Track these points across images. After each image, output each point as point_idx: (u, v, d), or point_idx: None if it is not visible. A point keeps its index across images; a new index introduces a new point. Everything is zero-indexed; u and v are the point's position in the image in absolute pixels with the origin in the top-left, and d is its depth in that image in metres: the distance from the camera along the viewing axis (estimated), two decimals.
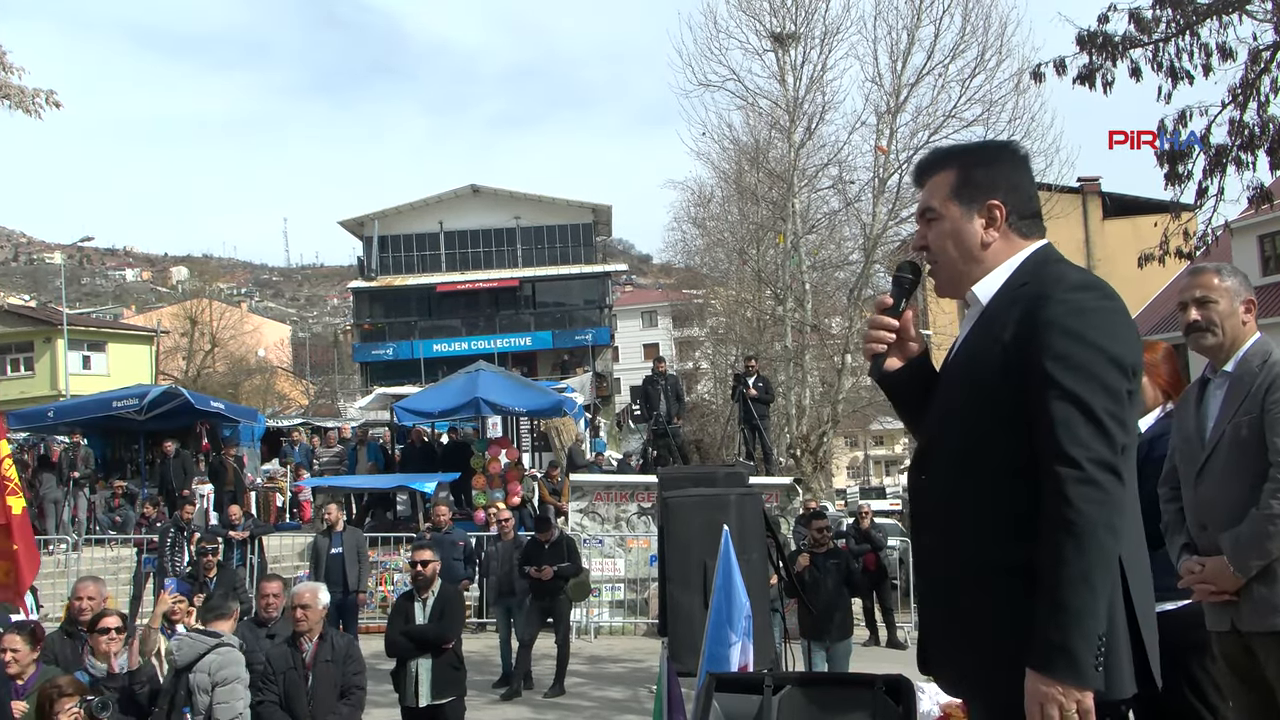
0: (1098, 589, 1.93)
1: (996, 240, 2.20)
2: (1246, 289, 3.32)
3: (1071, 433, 1.95)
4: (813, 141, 22.20)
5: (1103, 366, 1.98)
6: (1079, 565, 1.92)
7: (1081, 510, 1.92)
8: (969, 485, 2.10)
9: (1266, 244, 26.92)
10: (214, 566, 9.57)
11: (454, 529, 12.93)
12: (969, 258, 2.22)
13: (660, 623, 5.43)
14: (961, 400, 2.15)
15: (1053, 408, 1.97)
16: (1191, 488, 3.28)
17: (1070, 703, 1.91)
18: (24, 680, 5.32)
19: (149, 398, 17.37)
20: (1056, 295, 2.03)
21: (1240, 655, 3.20)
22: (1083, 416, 1.95)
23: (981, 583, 2.07)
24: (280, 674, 5.95)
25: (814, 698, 2.90)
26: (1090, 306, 2.02)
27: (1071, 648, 1.91)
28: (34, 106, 11.09)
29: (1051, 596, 1.93)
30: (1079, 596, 1.91)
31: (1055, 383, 1.97)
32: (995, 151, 2.33)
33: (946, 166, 2.26)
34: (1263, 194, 9.64)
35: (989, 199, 2.20)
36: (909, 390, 2.36)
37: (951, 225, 2.22)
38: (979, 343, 2.15)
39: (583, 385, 33.41)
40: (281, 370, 59.90)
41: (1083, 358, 1.98)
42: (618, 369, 53.70)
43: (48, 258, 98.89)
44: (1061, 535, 1.93)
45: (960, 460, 2.13)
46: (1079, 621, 1.91)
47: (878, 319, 2.34)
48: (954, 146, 2.52)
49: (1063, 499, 1.93)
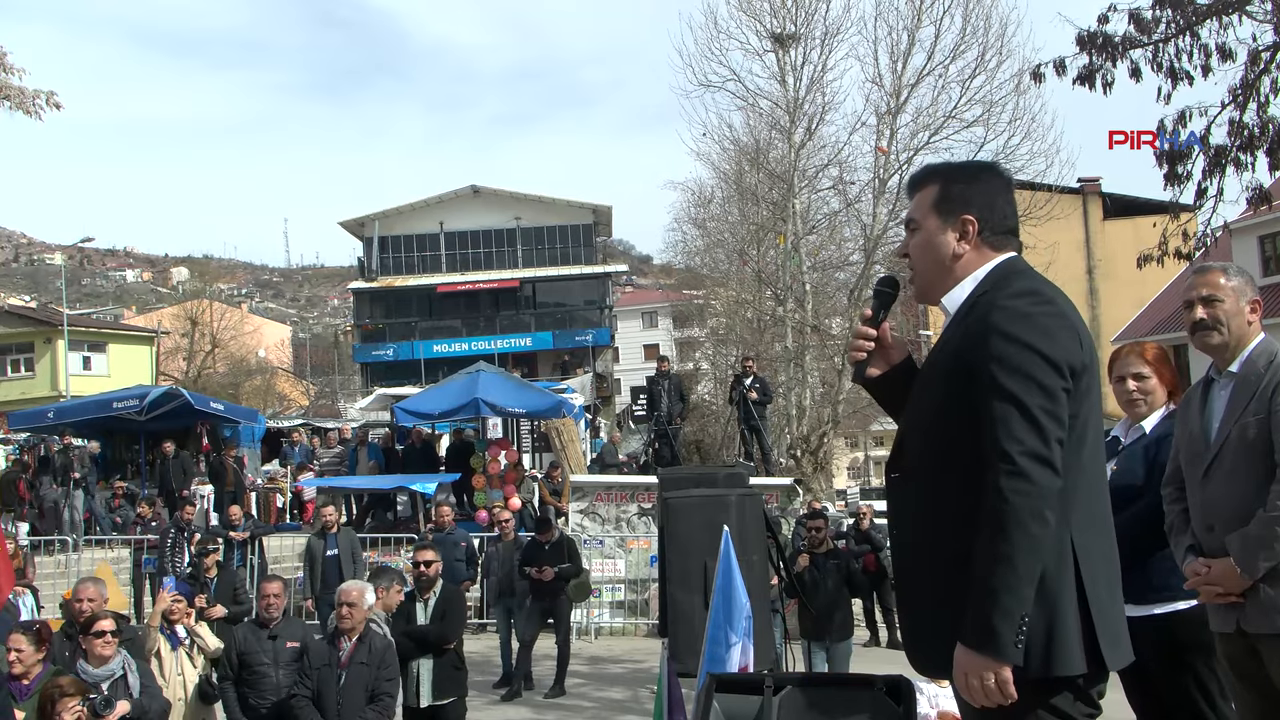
0: (1020, 572, 2.07)
1: (968, 253, 2.36)
2: (1252, 289, 3.31)
3: (1007, 429, 2.11)
4: (813, 142, 22.21)
5: (1037, 366, 2.14)
6: (1002, 549, 2.07)
7: (1008, 500, 2.08)
8: (934, 481, 2.27)
9: (1267, 244, 26.93)
10: (214, 567, 9.56)
11: (456, 529, 12.94)
12: (940, 267, 2.39)
13: (660, 623, 5.43)
14: (928, 402, 2.33)
15: (993, 407, 2.14)
16: (1197, 489, 3.26)
17: (989, 675, 2.08)
18: (29, 681, 5.32)
19: (149, 398, 17.36)
20: (999, 302, 2.23)
21: (1244, 657, 3.18)
22: (1019, 413, 2.12)
23: (943, 569, 2.22)
24: (315, 669, 5.98)
25: (814, 698, 2.90)
26: (1026, 311, 2.19)
27: (991, 624, 2.07)
28: (34, 107, 11.09)
29: (975, 578, 2.10)
30: (999, 578, 2.07)
31: (995, 383, 2.15)
32: (976, 170, 2.52)
33: (931, 182, 2.43)
34: (1262, 195, 9.64)
35: (963, 213, 2.36)
36: (891, 393, 2.55)
37: (927, 236, 2.40)
38: (946, 348, 2.33)
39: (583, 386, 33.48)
40: (282, 371, 59.90)
41: (1019, 359, 2.14)
42: (618, 370, 53.68)
43: (48, 258, 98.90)
44: (989, 523, 2.10)
45: (926, 458, 2.31)
46: (997, 601, 2.07)
47: (859, 329, 2.55)
48: (941, 164, 2.73)
49: (994, 490, 2.10)
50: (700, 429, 32.73)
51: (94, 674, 5.50)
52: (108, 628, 5.63)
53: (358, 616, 6.10)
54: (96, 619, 5.73)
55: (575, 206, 47.69)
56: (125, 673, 5.59)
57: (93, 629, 5.62)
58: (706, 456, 29.66)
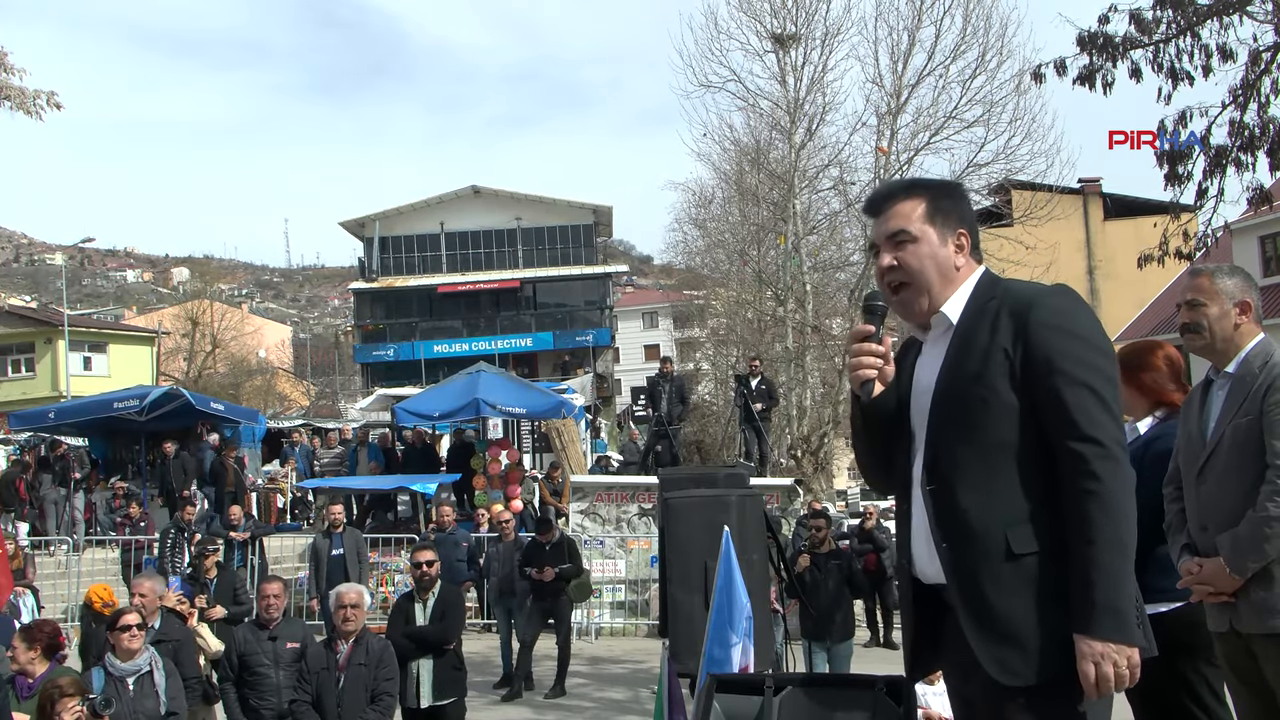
0: (1129, 553, 2.10)
1: (963, 265, 2.42)
2: (1243, 290, 3.30)
3: (1089, 415, 2.15)
4: (813, 142, 22.20)
5: (1100, 357, 2.22)
6: (1112, 530, 2.09)
7: (1107, 483, 2.10)
8: (985, 480, 2.24)
9: (1267, 244, 26.93)
10: (214, 568, 9.56)
11: (457, 529, 12.94)
12: (946, 279, 2.40)
13: (661, 624, 5.43)
14: (966, 408, 2.28)
15: (1066, 394, 2.17)
16: (1192, 488, 3.28)
17: (1123, 659, 2.06)
18: (31, 681, 5.32)
19: (150, 398, 17.34)
20: (1042, 301, 2.26)
21: (1241, 656, 3.20)
22: (1095, 400, 2.16)
23: (1029, 571, 2.18)
24: (314, 673, 6.01)
25: (815, 698, 2.90)
26: (1074, 308, 2.27)
27: (1118, 606, 2.06)
28: (34, 107, 11.09)
29: (1091, 562, 2.08)
30: (1117, 559, 2.08)
31: (1063, 373, 2.18)
32: (953, 188, 2.56)
33: (914, 195, 2.44)
34: (1262, 195, 9.63)
35: (959, 229, 2.42)
36: (889, 415, 2.49)
37: (930, 247, 2.40)
38: (964, 355, 2.31)
39: (583, 386, 33.44)
40: (282, 371, 59.90)
41: (1081, 350, 2.20)
42: (618, 370, 53.67)
43: (49, 258, 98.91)
44: (1092, 506, 2.10)
45: (974, 465, 2.26)
46: (1119, 582, 2.07)
47: (866, 345, 2.45)
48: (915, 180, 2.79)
49: (1089, 474, 2.11)
50: (700, 429, 32.71)
51: (121, 668, 5.50)
52: (133, 622, 5.62)
53: (360, 618, 6.11)
54: (122, 613, 5.72)
55: (575, 207, 47.69)
56: (152, 669, 5.60)
57: (119, 624, 5.61)
58: (706, 456, 29.64)
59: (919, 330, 2.50)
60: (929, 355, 2.44)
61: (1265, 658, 3.10)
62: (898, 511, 2.58)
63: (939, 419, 2.34)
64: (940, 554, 2.31)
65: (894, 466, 2.50)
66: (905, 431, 2.45)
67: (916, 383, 2.45)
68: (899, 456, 2.47)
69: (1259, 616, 3.08)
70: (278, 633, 6.65)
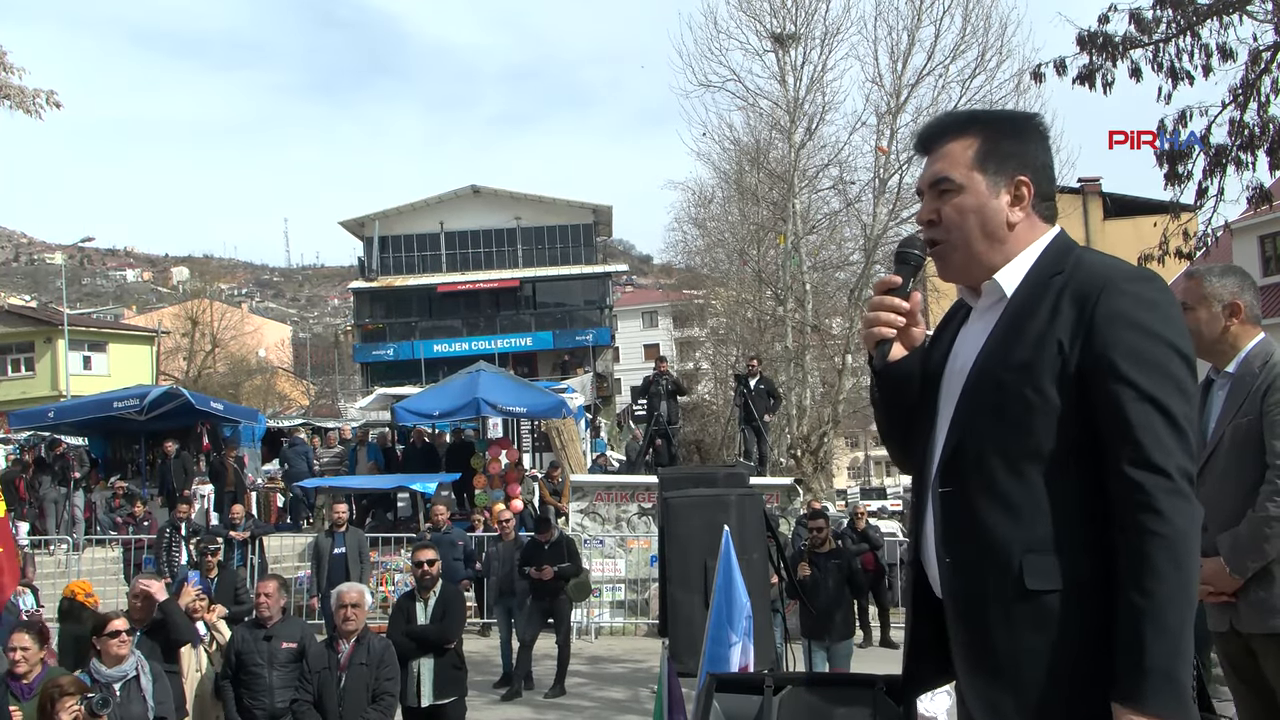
0: (1193, 610, 1.74)
1: (1021, 221, 1.96)
2: (1235, 291, 3.27)
3: (1156, 439, 1.76)
4: (813, 142, 22.25)
5: (1177, 365, 1.80)
6: (1179, 581, 1.71)
7: (1175, 523, 1.72)
8: (1013, 498, 1.86)
9: (1267, 244, 26.94)
10: (215, 566, 9.56)
11: (452, 529, 12.93)
12: (993, 238, 1.96)
13: (661, 623, 5.43)
14: (1002, 403, 1.88)
15: (1130, 410, 1.77)
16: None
17: None
18: (30, 680, 5.31)
19: (150, 398, 17.35)
20: (1118, 286, 1.82)
21: (1241, 656, 3.20)
22: (1165, 421, 1.76)
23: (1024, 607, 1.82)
24: (315, 673, 6.04)
25: (815, 698, 2.90)
26: (1157, 299, 1.82)
27: (1174, 673, 1.69)
28: (34, 106, 11.10)
29: (1148, 618, 1.71)
30: (1179, 616, 1.71)
31: (1131, 382, 1.78)
32: (1023, 122, 2.04)
33: (968, 133, 2.00)
34: (1262, 194, 9.63)
35: (1018, 174, 1.96)
36: (909, 385, 2.09)
37: (976, 200, 1.96)
38: (1013, 338, 1.89)
39: (583, 386, 33.43)
40: (282, 371, 59.93)
41: (1158, 355, 1.79)
42: (618, 369, 53.68)
43: (48, 258, 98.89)
44: (1156, 549, 1.72)
45: (1005, 469, 1.87)
46: (1179, 644, 1.70)
47: (886, 300, 2.04)
48: (977, 111, 2.18)
49: (1152, 510, 1.73)
50: (700, 429, 32.73)
51: (107, 674, 5.47)
52: (122, 628, 5.61)
53: (361, 618, 6.12)
54: (110, 619, 5.70)
55: (575, 206, 47.67)
56: (139, 674, 5.59)
57: (107, 629, 5.58)
58: (706, 456, 29.66)
59: (970, 294, 2.06)
60: (974, 328, 2.02)
61: (1265, 657, 3.11)
62: (912, 504, 2.24)
63: (968, 409, 1.93)
64: (941, 569, 1.94)
65: (913, 450, 2.10)
66: (930, 413, 2.04)
67: (954, 357, 2.03)
68: (918, 442, 2.07)
69: (1259, 616, 3.09)
70: (274, 632, 6.63)
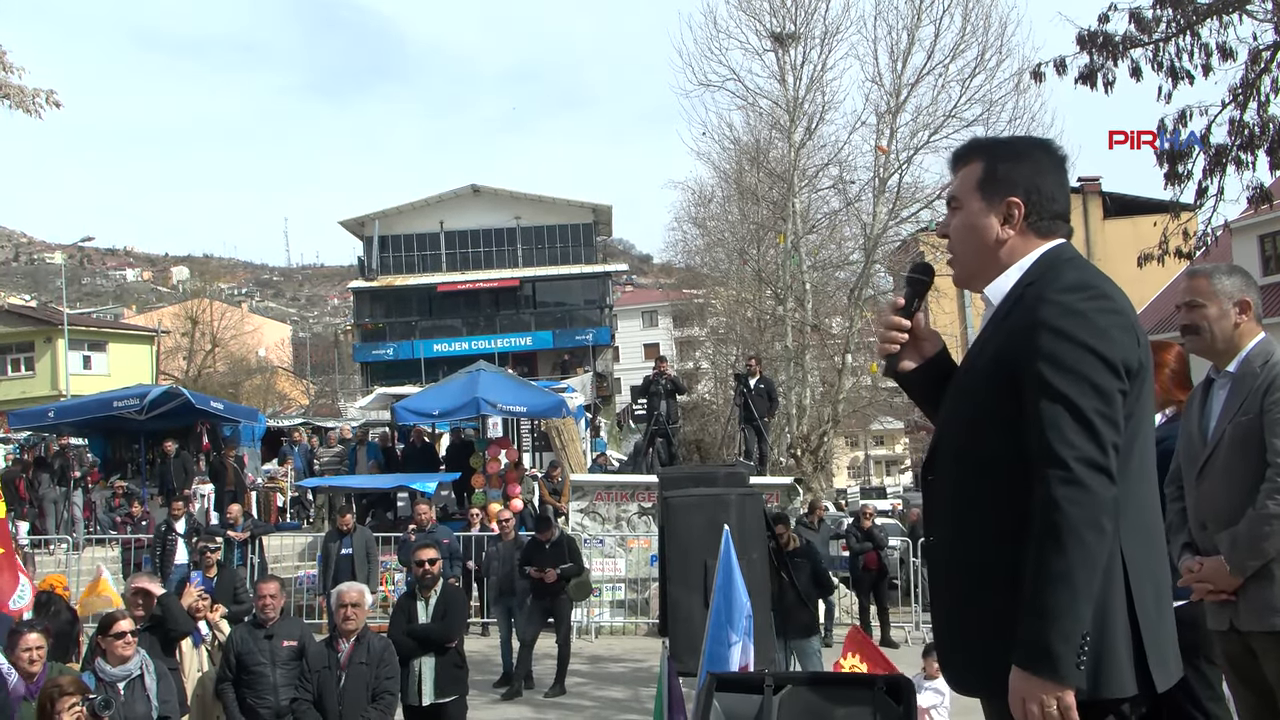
0: (1079, 589, 1.92)
1: (1012, 238, 2.19)
2: (1242, 290, 3.29)
3: (1060, 433, 1.95)
4: (813, 141, 22.25)
5: (1092, 366, 1.97)
6: (1059, 565, 1.92)
7: (1065, 510, 1.92)
8: (973, 486, 2.11)
9: (1267, 244, 26.92)
10: (214, 566, 9.56)
11: (437, 527, 12.90)
12: (982, 253, 2.21)
13: (661, 623, 5.44)
14: (970, 401, 2.16)
15: (1042, 408, 1.98)
16: (1193, 487, 3.30)
17: (1050, 699, 1.91)
18: (34, 680, 5.31)
19: (149, 397, 17.33)
20: (1047, 296, 2.04)
21: (1241, 654, 3.20)
22: (1071, 417, 1.96)
23: (985, 582, 2.08)
24: (315, 672, 6.04)
25: (815, 697, 2.90)
26: (1080, 308, 2.01)
27: (1050, 646, 1.91)
28: (34, 106, 11.09)
29: (1032, 596, 1.94)
30: (1057, 596, 1.92)
31: (1045, 383, 1.98)
32: (1025, 148, 2.30)
33: (975, 158, 2.26)
34: (1262, 194, 9.63)
35: (1008, 196, 2.18)
36: (926, 389, 2.37)
37: (969, 219, 2.22)
38: (986, 349, 2.16)
39: (583, 385, 33.43)
40: (282, 370, 59.93)
41: (1072, 358, 1.97)
42: (618, 369, 53.68)
43: (48, 258, 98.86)
44: (1044, 535, 1.94)
45: (965, 461, 2.14)
46: (1057, 621, 1.91)
47: (890, 319, 2.35)
48: (987, 139, 2.54)
49: (1046, 500, 1.94)
50: (700, 429, 32.72)
51: (111, 674, 5.47)
52: (127, 628, 5.60)
53: (361, 617, 6.12)
54: (115, 619, 5.69)
55: (575, 206, 47.68)
56: (143, 673, 5.59)
57: (112, 629, 5.57)
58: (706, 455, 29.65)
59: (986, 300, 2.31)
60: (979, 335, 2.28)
61: (1265, 656, 3.11)
62: None
63: (948, 410, 2.24)
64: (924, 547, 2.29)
65: None
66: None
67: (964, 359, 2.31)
68: None
69: (1259, 614, 3.09)
70: (274, 631, 6.64)
